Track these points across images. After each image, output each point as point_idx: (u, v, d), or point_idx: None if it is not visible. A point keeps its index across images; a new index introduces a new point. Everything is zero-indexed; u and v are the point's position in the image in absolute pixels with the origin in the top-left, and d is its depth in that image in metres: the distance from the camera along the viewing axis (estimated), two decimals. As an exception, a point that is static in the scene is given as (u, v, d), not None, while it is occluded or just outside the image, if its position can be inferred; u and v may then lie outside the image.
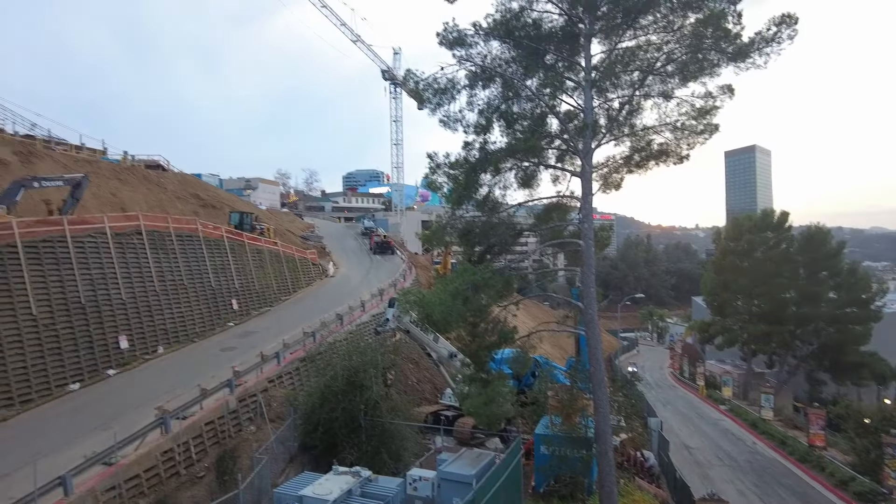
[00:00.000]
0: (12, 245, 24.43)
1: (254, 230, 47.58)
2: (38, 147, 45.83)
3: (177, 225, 35.26)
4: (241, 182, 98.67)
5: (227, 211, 53.17)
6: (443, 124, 17.88)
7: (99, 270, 28.14)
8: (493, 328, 18.11)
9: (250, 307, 38.75)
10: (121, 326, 28.09)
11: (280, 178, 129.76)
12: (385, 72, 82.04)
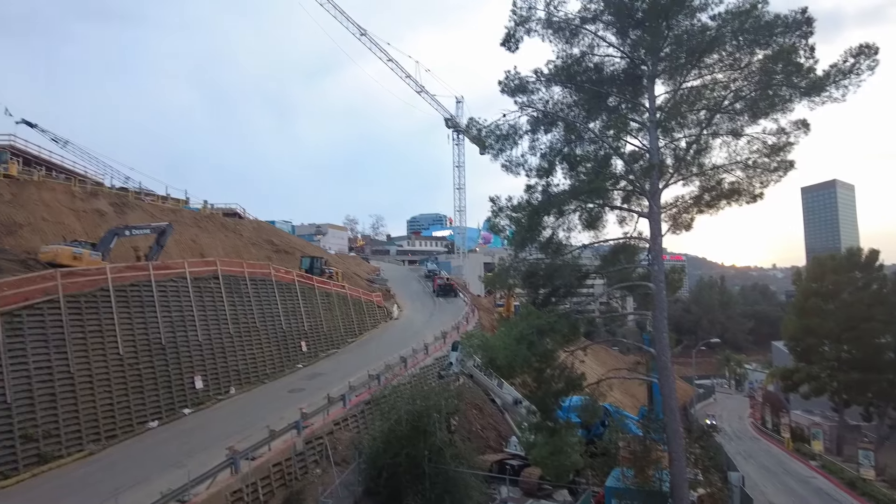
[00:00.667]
0: (105, 289, 26.25)
1: (323, 274, 49.05)
2: (130, 198, 49.69)
3: (251, 270, 36.88)
4: (312, 228, 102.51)
5: (298, 256, 55.21)
6: (505, 169, 18.08)
7: (178, 313, 29.69)
8: (559, 374, 17.66)
9: (318, 349, 39.60)
10: (197, 367, 29.33)
11: (348, 223, 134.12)
12: (448, 120, 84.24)
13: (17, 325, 22.12)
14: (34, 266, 29.41)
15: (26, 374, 21.69)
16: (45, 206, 39.17)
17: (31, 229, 36.14)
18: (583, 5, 18.32)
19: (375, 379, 30.54)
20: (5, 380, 20.84)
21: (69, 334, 23.79)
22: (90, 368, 24.07)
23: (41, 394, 21.90)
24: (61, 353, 23.20)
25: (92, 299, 25.51)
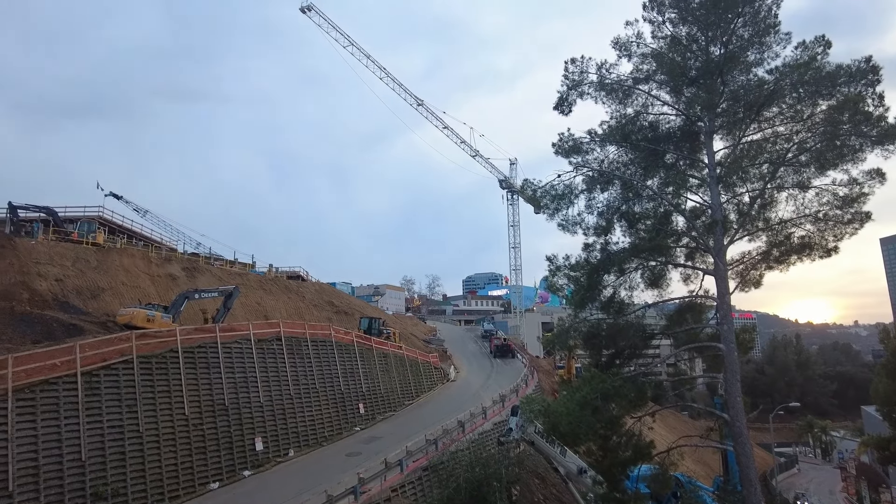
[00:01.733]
0: (174, 350, 27.32)
1: (381, 334, 49.40)
2: (200, 263, 52.35)
3: (312, 331, 37.59)
4: (371, 289, 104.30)
5: (357, 317, 56.03)
6: (561, 228, 18.02)
7: (242, 374, 30.39)
8: (626, 442, 16.79)
9: (376, 411, 39.38)
10: (257, 428, 29.66)
11: (405, 284, 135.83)
12: (502, 181, 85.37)
13: (95, 385, 23.20)
14: (113, 328, 31.11)
15: (100, 432, 22.53)
16: (124, 271, 41.74)
17: (111, 293, 38.48)
18: (635, 67, 18.59)
19: (433, 444, 29.91)
20: (81, 438, 21.70)
21: (140, 394, 24.71)
22: (158, 428, 24.77)
23: (112, 452, 22.62)
24: (132, 413, 24.05)
25: (162, 360, 26.56)
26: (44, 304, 32.64)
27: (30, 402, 20.85)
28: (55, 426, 21.24)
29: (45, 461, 20.41)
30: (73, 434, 21.60)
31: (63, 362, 22.52)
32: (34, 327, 28.63)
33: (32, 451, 20.23)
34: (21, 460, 19.73)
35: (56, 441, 21.05)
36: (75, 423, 21.81)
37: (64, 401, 21.86)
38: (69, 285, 36.42)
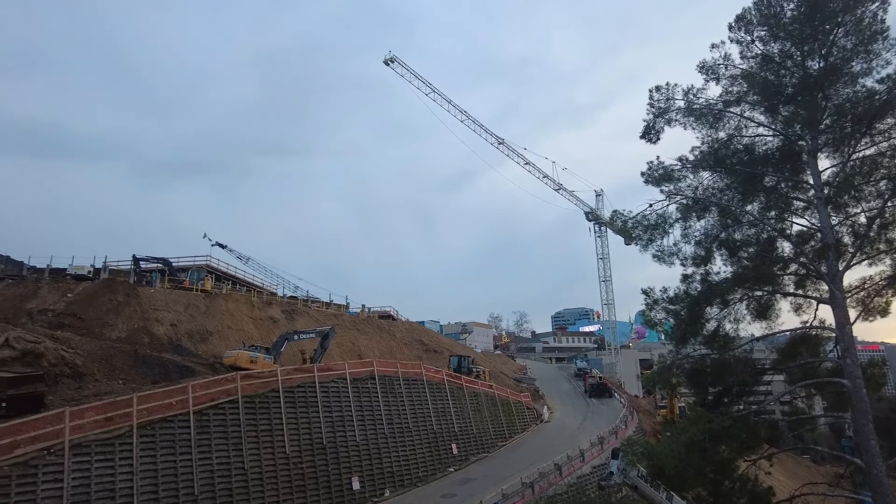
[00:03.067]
0: (275, 390, 28.59)
1: (471, 373, 49.09)
2: (298, 305, 54.93)
3: (404, 370, 38.07)
4: (458, 327, 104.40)
5: (446, 355, 56.16)
6: (657, 259, 17.32)
7: (339, 413, 31.17)
8: (741, 488, 15.45)
9: (468, 452, 38.86)
10: (354, 467, 30.11)
11: (492, 321, 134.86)
12: (588, 213, 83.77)
13: (205, 423, 24.67)
14: (220, 369, 33.12)
15: (210, 468, 23.82)
16: (230, 315, 44.59)
17: (218, 336, 41.15)
18: (724, 89, 17.89)
19: (529, 487, 28.98)
20: (194, 473, 23.03)
21: (245, 433, 25.96)
22: (261, 466, 25.81)
23: (221, 488, 23.79)
24: (238, 451, 25.27)
25: (265, 400, 27.83)
26: (161, 347, 35.45)
27: (150, 438, 22.48)
28: (172, 461, 22.70)
29: (164, 494, 21.81)
30: (186, 469, 22.97)
31: (178, 401, 24.20)
32: (153, 368, 31.07)
33: (153, 484, 21.69)
34: (144, 492, 21.19)
35: (172, 475, 22.45)
36: (188, 458, 23.21)
37: (179, 438, 23.38)
38: (182, 329, 39.37)
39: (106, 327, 35.90)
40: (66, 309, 37.26)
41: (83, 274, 44.92)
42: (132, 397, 22.89)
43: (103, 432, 21.24)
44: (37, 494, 18.77)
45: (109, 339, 34.23)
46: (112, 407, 22.25)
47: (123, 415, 22.13)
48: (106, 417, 21.71)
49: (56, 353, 27.95)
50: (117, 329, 36.10)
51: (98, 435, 21.05)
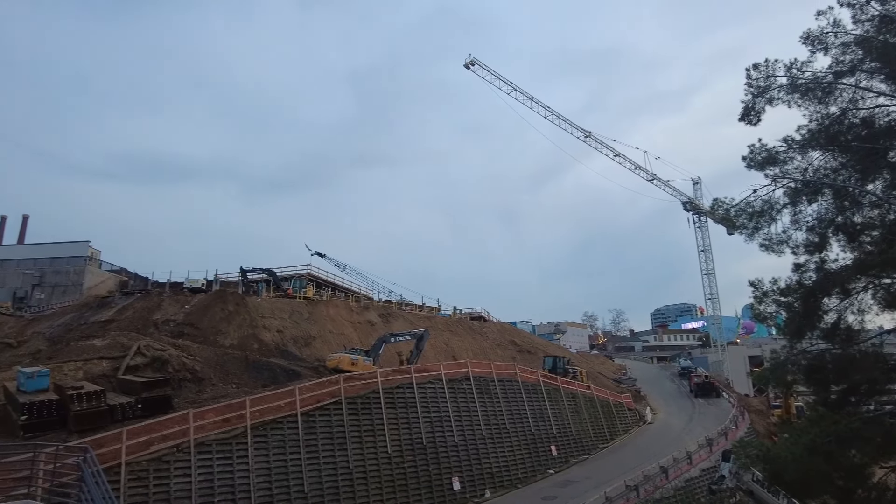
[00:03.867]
0: (376, 391, 29.54)
1: (567, 374, 48.20)
2: (393, 309, 56.48)
3: (498, 371, 38.04)
4: (551, 327, 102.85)
5: (540, 356, 55.50)
6: (764, 248, 16.11)
7: (437, 414, 31.67)
8: (878, 498, 13.96)
9: (568, 454, 38.13)
10: (454, 468, 30.45)
11: (587, 320, 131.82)
12: (686, 203, 79.46)
13: (312, 424, 25.95)
14: (323, 372, 34.73)
15: (317, 467, 25.01)
16: (331, 320, 46.65)
17: (321, 340, 43.16)
18: (834, 59, 16.33)
19: (634, 490, 27.95)
20: (303, 472, 24.30)
21: (349, 433, 27.02)
22: (365, 465, 26.75)
23: (328, 486, 24.91)
24: (343, 450, 26.35)
25: (366, 401, 28.83)
26: (269, 353, 37.71)
27: (262, 438, 23.98)
28: (282, 460, 24.08)
29: (277, 491, 23.19)
30: (296, 468, 24.27)
31: (286, 403, 25.63)
32: (263, 373, 33.13)
33: (267, 482, 23.11)
34: (259, 489, 22.64)
35: (284, 473, 23.81)
36: (297, 457, 24.52)
37: (288, 438, 24.76)
38: (287, 335, 41.67)
39: (219, 335, 38.74)
40: (185, 319, 40.60)
41: (198, 287, 48.79)
42: (245, 400, 24.55)
43: (222, 432, 22.93)
44: (170, 488, 20.59)
45: (223, 345, 36.91)
46: (228, 409, 23.98)
47: (238, 416, 23.78)
48: (223, 419, 23.43)
49: (179, 359, 30.56)
50: (229, 336, 38.85)
51: (217, 435, 22.75)
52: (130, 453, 20.13)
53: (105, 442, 19.84)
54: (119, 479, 19.24)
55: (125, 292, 50.05)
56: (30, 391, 23.45)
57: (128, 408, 23.90)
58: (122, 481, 19.40)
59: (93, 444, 17.89)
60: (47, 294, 55.27)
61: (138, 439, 20.70)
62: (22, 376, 24.20)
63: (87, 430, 21.59)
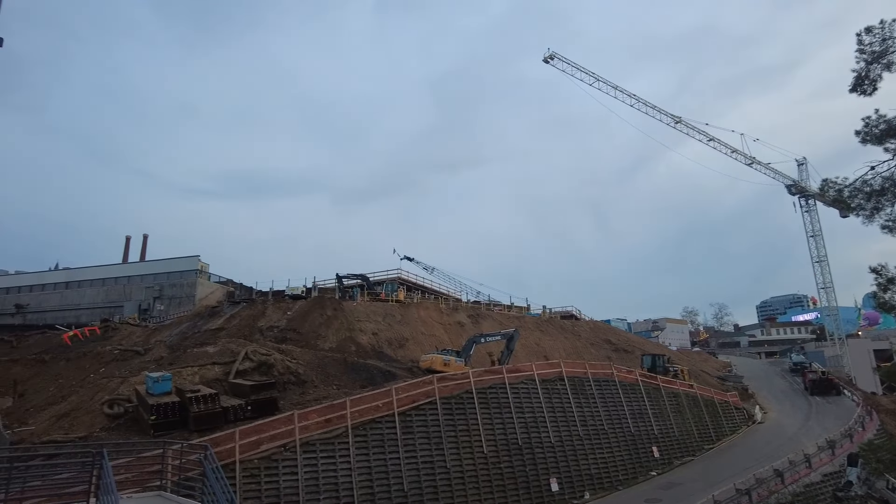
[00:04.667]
0: (469, 392, 29.74)
1: (667, 372, 46.19)
2: (482, 309, 56.66)
3: (593, 370, 37.10)
4: (648, 324, 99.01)
5: (638, 354, 53.58)
6: (887, 230, 14.68)
7: (531, 414, 31.39)
8: None
9: (671, 455, 36.49)
10: (551, 469, 30.03)
11: (687, 316, 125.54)
12: (790, 186, 73.69)
13: (409, 424, 26.56)
14: (417, 373, 35.46)
15: (416, 466, 25.55)
16: (422, 322, 47.56)
17: (413, 342, 44.11)
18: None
19: (745, 494, 26.32)
20: (402, 470, 24.91)
21: (444, 433, 27.39)
22: (461, 465, 26.99)
23: (427, 485, 25.36)
24: (439, 450, 26.74)
25: (460, 401, 29.10)
26: (365, 354, 39.04)
27: (363, 437, 24.84)
28: (382, 459, 24.82)
29: (378, 489, 23.92)
30: (395, 466, 24.93)
31: (384, 404, 26.39)
32: (360, 374, 34.35)
33: (368, 480, 23.91)
34: (361, 487, 23.48)
35: (384, 472, 24.53)
36: (396, 456, 25.17)
37: (387, 437, 25.48)
38: (382, 337, 42.94)
39: (319, 339, 40.60)
40: (287, 325, 42.92)
41: (297, 294, 51.45)
42: (345, 401, 25.54)
43: (325, 432, 23.99)
44: (279, 485, 21.82)
45: (322, 349, 38.65)
46: (329, 410, 25.05)
47: (339, 417, 24.78)
48: (325, 419, 24.50)
49: (283, 363, 32.33)
50: (328, 340, 40.62)
51: (321, 435, 23.82)
52: (243, 452, 21.54)
53: (220, 441, 21.34)
54: (234, 476, 20.64)
55: (232, 302, 53.72)
56: (156, 394, 25.72)
57: (239, 409, 25.61)
58: (238, 478, 20.79)
59: (210, 443, 19.31)
60: (166, 305, 60.40)
61: (249, 439, 22.10)
62: (149, 380, 26.58)
63: (205, 430, 23.37)
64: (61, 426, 26.11)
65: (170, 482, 15.95)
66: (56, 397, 32.08)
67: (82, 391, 31.04)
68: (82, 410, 27.56)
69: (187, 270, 63.23)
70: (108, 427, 25.24)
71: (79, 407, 28.20)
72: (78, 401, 29.23)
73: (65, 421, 26.77)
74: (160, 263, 66.68)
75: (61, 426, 26.11)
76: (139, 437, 23.62)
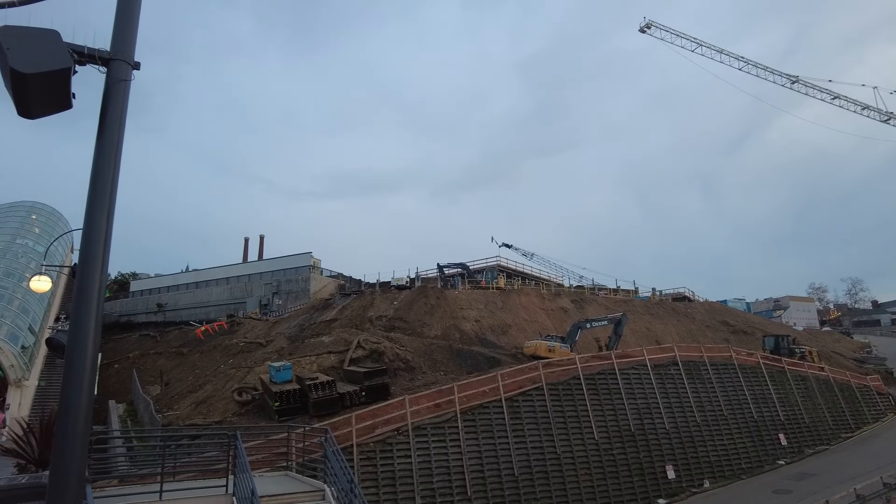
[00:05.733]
0: (577, 378, 29.32)
1: (793, 354, 42.77)
2: (586, 294, 55.45)
3: (710, 354, 35.14)
4: (769, 303, 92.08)
5: (758, 336, 50.17)
6: None
7: (643, 400, 30.36)
8: None
9: (801, 444, 33.82)
10: (666, 455, 28.93)
11: (814, 293, 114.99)
12: (939, 142, 64.83)
13: (516, 409, 26.68)
14: (521, 359, 35.46)
15: (525, 450, 25.64)
16: (523, 308, 47.41)
17: (516, 328, 44.10)
18: None
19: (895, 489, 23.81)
20: (511, 454, 25.11)
21: (553, 418, 27.22)
22: (572, 451, 26.72)
23: (537, 470, 25.39)
24: (548, 435, 26.64)
25: (567, 387, 28.76)
26: (469, 341, 39.61)
27: (471, 422, 25.31)
28: (491, 443, 25.15)
29: (488, 472, 24.30)
30: (504, 450, 25.17)
31: (490, 389, 26.70)
32: (466, 360, 34.93)
33: (479, 463, 24.36)
34: (472, 470, 23.97)
35: (493, 456, 24.86)
36: (505, 441, 25.41)
37: (495, 422, 25.77)
38: (484, 324, 43.33)
39: (424, 327, 41.73)
40: (394, 314, 44.49)
41: (402, 284, 53.18)
42: (453, 387, 26.13)
43: (434, 417, 24.71)
44: (394, 466, 22.82)
45: (428, 336, 39.70)
46: (438, 395, 25.76)
47: (448, 402, 25.41)
48: (435, 404, 25.23)
49: (392, 350, 33.63)
50: (433, 328, 41.63)
51: (431, 419, 24.57)
52: (359, 436, 22.74)
53: (338, 425, 22.66)
54: (352, 458, 21.86)
55: (343, 294, 56.58)
56: (279, 382, 27.76)
57: (354, 395, 27.02)
58: (356, 460, 22.00)
59: (329, 427, 20.59)
60: (283, 300, 64.70)
61: (364, 423, 23.29)
62: (272, 370, 28.72)
63: (323, 415, 24.91)
64: (200, 411, 28.96)
65: (295, 463, 17.21)
66: (194, 385, 35.60)
67: (215, 380, 34.20)
68: (216, 397, 30.38)
69: (301, 267, 67.25)
70: (239, 413, 27.63)
71: (213, 394, 31.11)
72: (212, 389, 32.25)
73: (203, 407, 29.65)
74: (276, 261, 71.45)
75: (200, 411, 28.96)
76: (266, 421, 25.66)
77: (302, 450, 17.86)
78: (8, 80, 4.12)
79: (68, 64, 4.25)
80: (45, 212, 52.65)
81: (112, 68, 4.72)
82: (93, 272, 4.43)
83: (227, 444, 11.21)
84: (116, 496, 10.78)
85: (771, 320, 70.41)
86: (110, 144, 4.61)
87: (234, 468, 10.93)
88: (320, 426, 20.87)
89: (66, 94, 4.40)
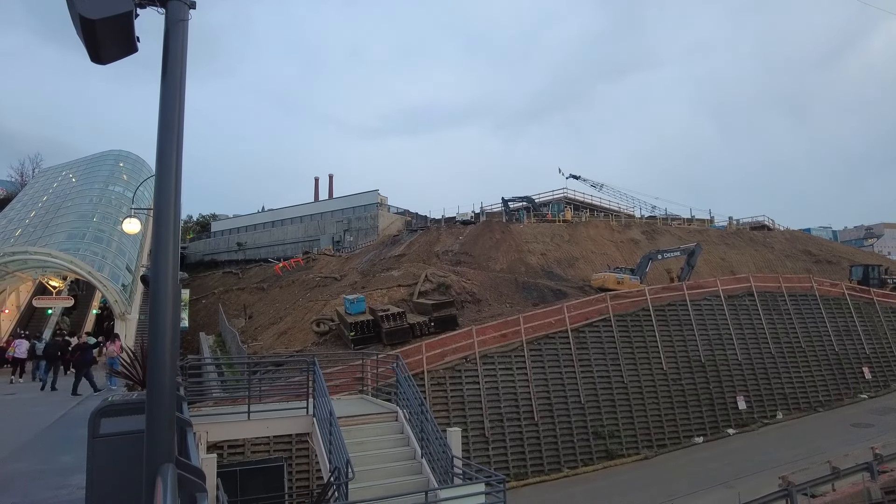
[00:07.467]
0: (645, 309, 28.96)
1: (884, 285, 40.15)
2: (658, 225, 53.78)
3: (788, 284, 33.60)
4: (860, 231, 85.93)
5: (845, 265, 47.32)
6: None
7: (715, 331, 29.72)
8: None
9: (888, 378, 32.31)
10: (738, 387, 28.49)
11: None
12: None
13: (582, 339, 26.86)
14: (588, 291, 35.32)
15: (591, 380, 25.98)
16: (591, 241, 46.69)
17: (583, 261, 43.68)
18: None
19: None
20: (578, 384, 25.55)
21: (620, 349, 27.24)
22: (639, 381, 26.80)
23: (604, 399, 25.75)
24: (616, 365, 26.77)
25: (636, 318, 28.52)
26: (535, 274, 39.71)
27: (537, 351, 25.78)
28: (558, 371, 25.61)
29: (555, 399, 24.90)
30: (571, 380, 25.60)
31: (556, 321, 26.91)
32: (531, 293, 35.19)
33: (545, 390, 24.97)
34: (538, 396, 24.64)
35: (560, 383, 25.36)
36: (571, 370, 25.79)
37: (561, 352, 26.12)
38: (550, 258, 43.16)
39: (490, 261, 42.09)
40: (460, 249, 45.04)
41: (467, 219, 53.36)
42: (518, 318, 26.53)
43: (501, 346, 25.33)
44: (463, 391, 23.81)
45: (494, 270, 40.09)
46: (504, 325, 26.27)
47: (514, 332, 25.89)
48: (501, 334, 25.80)
49: (459, 284, 34.32)
50: (499, 262, 41.93)
51: (498, 348, 25.22)
52: (429, 363, 23.74)
53: (409, 353, 23.71)
54: (423, 384, 22.95)
55: (410, 230, 57.63)
56: (353, 314, 29.16)
57: (423, 325, 28.07)
58: (427, 385, 23.09)
59: (401, 355, 21.61)
60: (354, 236, 66.74)
61: (434, 351, 24.23)
62: (347, 302, 30.13)
63: (395, 344, 26.13)
64: (282, 342, 31.05)
65: (370, 388, 18.31)
66: (275, 318, 38.00)
67: (294, 313, 36.32)
68: (296, 329, 32.37)
69: (370, 204, 68.69)
70: (317, 342, 29.40)
71: (293, 326, 33.15)
72: (292, 321, 34.33)
73: (284, 337, 31.74)
74: (346, 199, 73.28)
75: (282, 342, 31.05)
76: (342, 350, 27.22)
77: (376, 375, 18.90)
78: (79, 27, 4.40)
79: (129, 7, 4.47)
80: (130, 159, 55.92)
81: (170, 9, 4.92)
82: (167, 208, 4.79)
83: (307, 370, 12.03)
84: (210, 414, 11.97)
85: (861, 249, 65.93)
86: (174, 85, 4.87)
87: (314, 392, 11.78)
88: (393, 353, 21.97)
89: (131, 38, 4.65)
